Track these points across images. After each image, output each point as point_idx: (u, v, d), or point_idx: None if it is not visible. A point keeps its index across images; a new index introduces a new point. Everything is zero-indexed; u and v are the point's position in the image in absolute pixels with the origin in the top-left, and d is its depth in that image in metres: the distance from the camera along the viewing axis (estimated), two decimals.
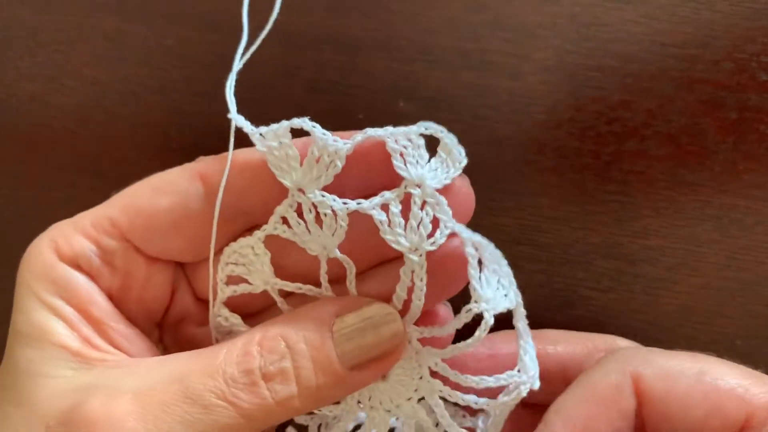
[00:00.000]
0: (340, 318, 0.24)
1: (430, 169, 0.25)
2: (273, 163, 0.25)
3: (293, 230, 0.25)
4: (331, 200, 0.25)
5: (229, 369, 0.23)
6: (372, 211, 0.24)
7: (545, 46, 0.33)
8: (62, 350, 0.24)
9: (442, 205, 0.24)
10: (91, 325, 0.25)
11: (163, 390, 0.23)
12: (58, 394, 0.23)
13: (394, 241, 0.24)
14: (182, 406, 0.22)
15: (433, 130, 0.25)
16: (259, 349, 0.24)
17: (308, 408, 0.24)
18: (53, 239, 0.26)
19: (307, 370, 0.24)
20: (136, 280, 0.27)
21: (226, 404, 0.23)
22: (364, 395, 0.28)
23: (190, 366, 0.24)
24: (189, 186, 0.26)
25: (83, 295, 0.26)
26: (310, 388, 0.24)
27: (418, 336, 0.27)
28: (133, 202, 0.26)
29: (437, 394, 0.28)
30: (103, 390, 0.23)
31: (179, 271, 0.28)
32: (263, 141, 0.25)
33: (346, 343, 0.24)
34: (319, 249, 0.25)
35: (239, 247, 0.26)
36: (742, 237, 0.33)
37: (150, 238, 0.26)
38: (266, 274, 0.26)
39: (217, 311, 0.27)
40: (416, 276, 0.25)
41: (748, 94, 0.32)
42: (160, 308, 0.28)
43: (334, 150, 0.24)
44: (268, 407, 0.23)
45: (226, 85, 0.26)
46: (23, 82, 0.36)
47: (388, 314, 0.25)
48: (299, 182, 0.25)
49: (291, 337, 0.24)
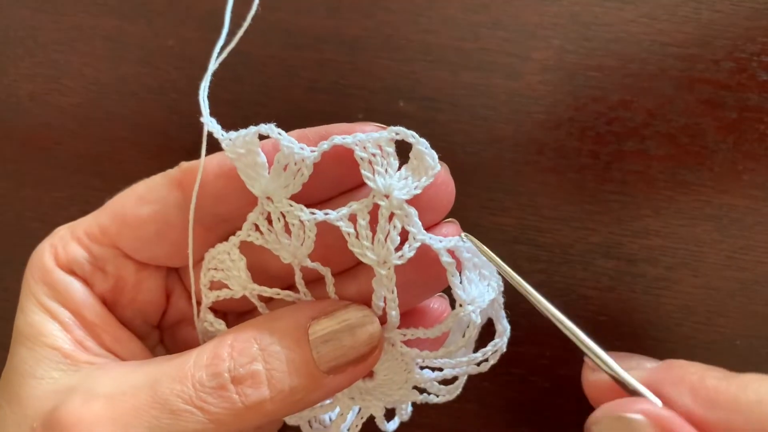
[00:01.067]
0: (316, 320, 0.24)
1: (400, 177, 0.24)
2: (241, 170, 0.24)
3: (265, 237, 0.25)
4: (299, 210, 0.24)
5: (198, 373, 0.23)
6: (339, 222, 0.24)
7: (545, 46, 0.33)
8: (54, 351, 0.25)
9: (411, 217, 0.23)
10: (85, 328, 0.26)
11: (134, 395, 0.23)
12: (44, 395, 0.24)
13: (362, 254, 0.24)
14: (151, 411, 0.22)
15: (404, 135, 0.23)
16: (230, 351, 0.23)
17: (282, 412, 0.24)
18: (53, 245, 0.26)
19: (280, 373, 0.23)
20: (127, 285, 0.27)
21: (193, 409, 0.22)
22: (355, 392, 0.28)
23: (162, 370, 0.23)
24: (168, 194, 0.25)
25: (78, 299, 0.26)
26: (283, 392, 0.23)
27: (402, 339, 0.26)
28: (120, 210, 0.26)
29: (430, 381, 0.28)
30: (80, 393, 0.23)
31: (174, 275, 0.28)
32: (233, 147, 0.24)
33: (323, 345, 0.24)
34: (290, 257, 0.25)
35: (217, 252, 0.26)
36: (742, 237, 0.33)
37: (136, 245, 0.26)
38: (243, 280, 0.26)
39: (203, 316, 0.27)
40: (386, 289, 0.24)
41: (748, 94, 0.32)
42: (155, 311, 0.28)
43: (301, 158, 0.23)
44: (237, 411, 0.23)
45: (200, 87, 0.25)
46: (23, 82, 0.36)
47: (365, 316, 0.25)
48: (267, 190, 0.24)
49: (264, 339, 0.24)
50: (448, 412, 0.35)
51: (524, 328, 0.27)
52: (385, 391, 0.28)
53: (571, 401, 0.34)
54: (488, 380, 0.34)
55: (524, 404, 0.35)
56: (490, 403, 0.35)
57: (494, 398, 0.35)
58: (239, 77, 0.34)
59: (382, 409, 0.29)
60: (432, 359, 0.27)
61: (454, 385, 0.28)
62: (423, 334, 0.26)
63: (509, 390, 0.35)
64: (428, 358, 0.26)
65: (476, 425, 0.35)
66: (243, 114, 0.34)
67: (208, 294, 0.27)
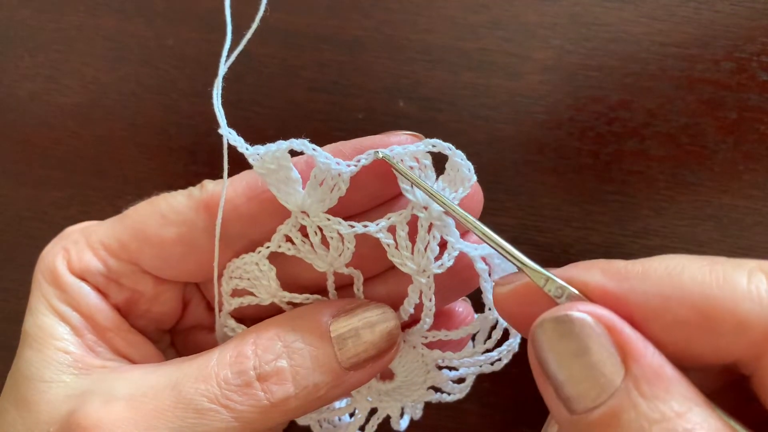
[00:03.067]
0: (336, 318, 0.24)
1: (437, 188, 0.24)
2: (273, 185, 0.24)
3: (297, 248, 0.25)
4: (337, 223, 0.24)
5: (222, 371, 0.23)
6: (379, 234, 0.24)
7: (545, 46, 0.33)
8: (64, 355, 0.24)
9: (450, 227, 0.24)
10: (96, 332, 0.26)
11: (155, 396, 0.22)
12: (57, 399, 0.23)
13: (402, 264, 0.24)
14: (174, 411, 0.22)
15: (440, 147, 0.24)
16: (254, 348, 0.23)
17: (305, 409, 0.24)
18: (66, 249, 0.26)
19: (304, 369, 0.23)
20: (143, 297, 0.27)
21: (219, 407, 0.22)
22: (374, 393, 0.28)
23: (184, 371, 0.23)
24: (195, 217, 0.25)
25: (90, 303, 0.26)
26: (307, 388, 0.23)
27: (424, 341, 0.27)
28: (143, 228, 0.26)
29: (448, 382, 0.28)
30: (98, 396, 0.23)
31: (192, 285, 0.28)
32: (261, 163, 0.23)
33: (344, 342, 0.24)
34: (326, 267, 0.25)
35: (243, 263, 0.26)
36: (742, 237, 0.33)
37: (157, 264, 0.26)
38: (273, 288, 0.26)
39: (223, 321, 0.27)
40: (424, 296, 0.25)
41: (748, 94, 0.32)
42: (171, 320, 0.28)
43: (338, 173, 0.23)
44: (263, 409, 0.23)
45: (213, 95, 0.24)
46: (23, 82, 0.36)
47: (383, 313, 0.25)
48: (302, 205, 0.24)
49: (288, 337, 0.24)
50: (448, 412, 0.35)
51: None
52: (403, 392, 0.28)
53: None
54: (488, 380, 0.34)
55: (524, 404, 0.35)
56: (490, 403, 0.35)
57: (494, 398, 0.35)
58: (239, 77, 0.34)
59: (398, 409, 0.29)
60: (454, 360, 0.27)
61: (465, 384, 0.29)
62: (446, 336, 0.26)
63: (509, 390, 0.35)
64: (452, 359, 0.27)
65: (476, 425, 0.35)
66: (243, 114, 0.34)
67: (230, 301, 0.27)
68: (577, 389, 0.19)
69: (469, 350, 0.27)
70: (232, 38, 0.24)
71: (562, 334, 0.19)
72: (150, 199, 0.26)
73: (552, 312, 0.20)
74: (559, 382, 0.19)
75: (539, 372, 0.20)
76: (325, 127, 0.33)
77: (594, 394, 0.18)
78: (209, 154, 0.35)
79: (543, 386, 0.20)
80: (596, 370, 0.18)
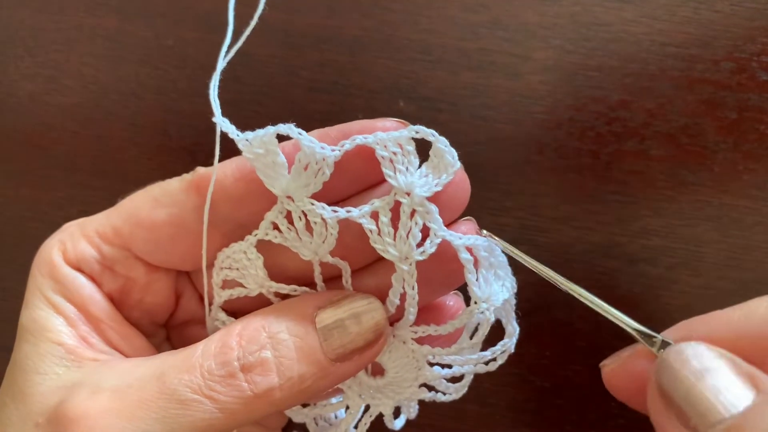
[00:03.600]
0: (323, 309, 0.24)
1: (420, 175, 0.24)
2: (261, 171, 0.24)
3: (284, 236, 0.25)
4: (320, 208, 0.24)
5: (206, 362, 0.23)
6: (361, 219, 0.24)
7: (545, 46, 0.33)
8: (58, 347, 0.25)
9: (432, 214, 0.24)
10: (90, 323, 0.26)
11: (140, 387, 0.22)
12: (48, 390, 0.24)
13: (383, 251, 0.24)
14: (158, 402, 0.22)
15: (423, 133, 0.24)
16: (239, 339, 0.23)
17: (290, 401, 0.24)
18: (62, 241, 0.26)
19: (289, 360, 0.23)
20: (136, 286, 0.27)
21: (202, 398, 0.22)
22: (365, 389, 0.28)
23: (169, 362, 0.23)
24: (185, 198, 0.25)
25: (84, 294, 0.26)
26: (292, 379, 0.23)
27: (414, 336, 0.27)
28: (135, 212, 0.26)
29: (439, 379, 0.28)
30: (86, 387, 0.23)
31: (184, 277, 0.28)
32: (250, 148, 0.24)
33: (330, 333, 0.24)
34: (311, 255, 0.25)
35: (232, 252, 0.26)
36: (742, 237, 0.33)
37: (150, 248, 0.26)
38: (260, 278, 0.26)
39: (214, 315, 0.27)
40: (407, 284, 0.25)
41: (748, 94, 0.32)
42: (163, 312, 0.28)
43: (322, 157, 0.23)
44: (246, 400, 0.23)
45: (210, 87, 0.25)
46: (23, 82, 0.36)
47: (370, 304, 0.25)
48: (287, 189, 0.24)
49: (273, 328, 0.24)
50: (449, 412, 0.35)
51: (524, 328, 0.27)
52: (395, 388, 0.28)
53: (571, 401, 0.34)
54: (488, 380, 0.34)
55: (524, 404, 0.35)
56: (491, 403, 0.35)
57: (494, 398, 0.35)
58: (239, 77, 0.34)
59: (391, 407, 0.29)
60: (444, 356, 0.27)
61: (461, 384, 0.29)
62: (434, 330, 0.26)
63: (509, 390, 0.35)
64: (440, 354, 0.27)
65: (476, 425, 0.35)
66: (243, 114, 0.34)
67: (220, 293, 0.27)
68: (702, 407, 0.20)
69: (457, 347, 0.27)
70: (232, 38, 0.25)
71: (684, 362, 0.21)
72: (146, 187, 0.26)
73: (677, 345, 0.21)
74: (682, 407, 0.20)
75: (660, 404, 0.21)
76: (325, 127, 0.33)
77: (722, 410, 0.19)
78: (209, 154, 0.35)
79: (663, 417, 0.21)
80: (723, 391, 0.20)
